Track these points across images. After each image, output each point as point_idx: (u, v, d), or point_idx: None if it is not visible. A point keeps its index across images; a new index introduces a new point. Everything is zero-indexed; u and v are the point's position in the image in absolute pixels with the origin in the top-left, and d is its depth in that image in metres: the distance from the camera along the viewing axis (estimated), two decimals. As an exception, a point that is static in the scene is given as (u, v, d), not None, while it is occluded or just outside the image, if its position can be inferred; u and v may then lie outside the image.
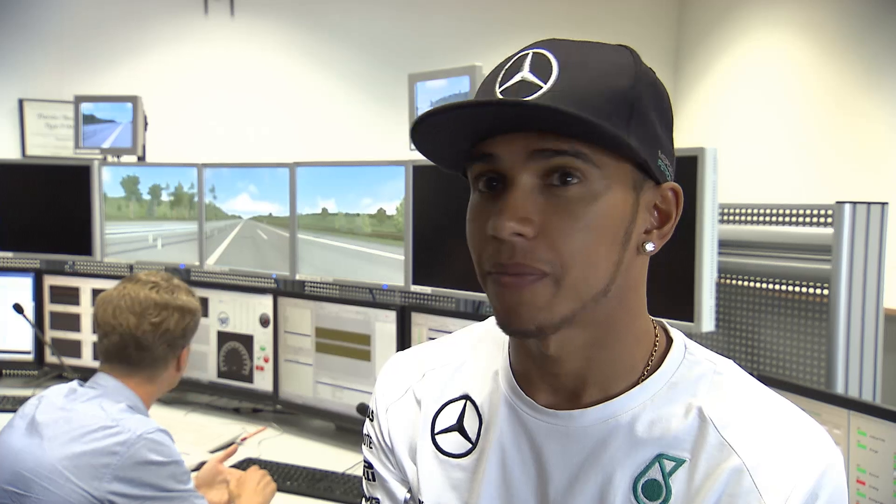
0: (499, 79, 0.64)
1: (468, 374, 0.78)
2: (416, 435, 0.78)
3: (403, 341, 2.14)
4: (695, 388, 0.68)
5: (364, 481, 0.84)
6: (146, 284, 1.61)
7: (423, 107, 2.26)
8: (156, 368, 1.60)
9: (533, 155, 0.61)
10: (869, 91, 4.65)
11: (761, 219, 1.71)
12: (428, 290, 2.17)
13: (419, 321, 2.13)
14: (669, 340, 0.72)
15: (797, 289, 1.65)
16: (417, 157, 2.26)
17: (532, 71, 0.62)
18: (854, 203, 1.52)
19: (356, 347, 2.23)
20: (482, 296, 2.05)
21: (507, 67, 0.64)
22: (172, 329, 1.59)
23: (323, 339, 2.31)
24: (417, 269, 2.19)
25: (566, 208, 0.61)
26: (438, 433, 0.77)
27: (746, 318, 1.78)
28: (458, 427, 0.76)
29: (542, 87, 0.61)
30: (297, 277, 2.49)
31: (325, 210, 2.41)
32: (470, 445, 0.75)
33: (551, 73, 0.61)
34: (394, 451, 0.80)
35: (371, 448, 0.83)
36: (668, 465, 0.66)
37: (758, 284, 1.74)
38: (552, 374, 0.69)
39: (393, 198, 2.24)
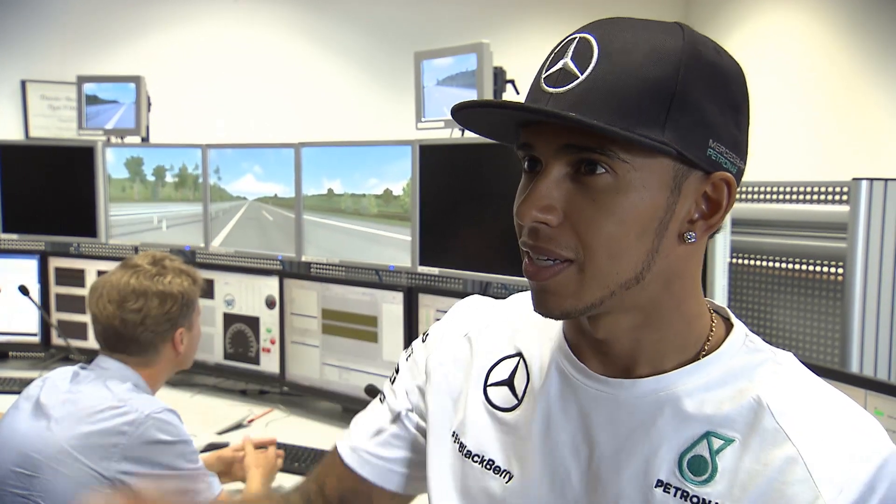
0: (548, 63, 0.65)
1: (526, 335, 0.80)
2: (468, 379, 0.81)
3: (411, 323, 2.12)
4: (752, 374, 0.67)
5: (387, 381, 0.90)
6: (129, 269, 1.58)
7: (430, 85, 2.23)
8: (146, 354, 1.58)
9: (562, 148, 0.63)
10: (880, 69, 4.60)
11: (775, 197, 1.69)
12: (435, 271, 2.15)
13: (426, 302, 2.11)
14: (729, 327, 0.72)
15: (812, 268, 1.63)
16: (424, 136, 2.23)
17: (573, 59, 0.62)
18: (871, 179, 1.49)
19: (363, 329, 2.22)
20: (490, 276, 2.03)
21: (556, 51, 0.65)
22: (154, 315, 1.55)
23: (329, 321, 2.29)
24: (424, 249, 2.17)
25: (592, 197, 0.62)
26: (490, 385, 0.80)
27: (760, 297, 1.76)
28: (509, 382, 0.78)
29: (577, 78, 0.62)
30: (303, 259, 2.47)
31: (330, 191, 2.39)
32: (516, 402, 0.77)
33: (589, 63, 0.62)
34: (426, 374, 0.84)
35: (407, 360, 0.88)
36: (717, 443, 0.65)
37: (771, 263, 1.72)
38: (603, 352, 0.71)
39: (399, 178, 2.21)
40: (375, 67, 5.62)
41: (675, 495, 0.65)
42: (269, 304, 2.45)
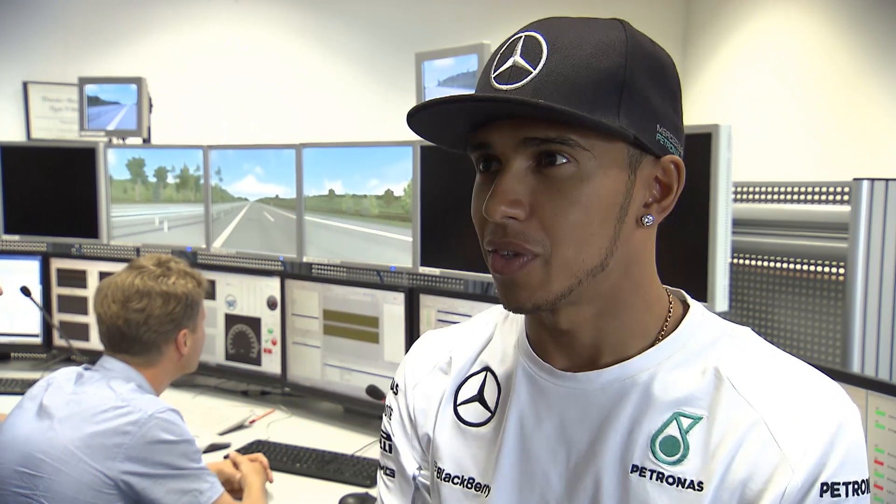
0: (494, 63, 0.65)
1: (491, 350, 0.80)
2: (440, 407, 0.80)
3: (412, 323, 2.13)
4: (710, 350, 0.70)
5: (381, 451, 0.87)
6: (134, 270, 1.61)
7: (431, 86, 2.23)
8: (149, 354, 1.59)
9: (523, 142, 0.63)
10: (880, 68, 4.60)
11: (776, 197, 1.69)
12: (436, 271, 2.16)
13: (427, 303, 2.11)
14: (686, 308, 0.73)
15: (813, 268, 1.63)
16: (425, 137, 2.23)
17: (523, 55, 0.64)
18: (872, 179, 1.49)
19: (364, 329, 2.22)
20: (491, 277, 2.03)
21: (502, 51, 0.66)
22: (157, 315, 1.57)
23: (331, 322, 2.30)
24: (425, 250, 2.17)
25: (555, 187, 0.63)
26: (460, 404, 0.79)
27: (761, 297, 1.76)
28: (479, 397, 0.78)
29: (531, 73, 0.62)
30: (305, 260, 2.47)
31: (331, 192, 2.39)
32: (489, 414, 0.77)
33: (541, 58, 0.63)
34: (416, 426, 0.82)
35: (391, 420, 0.85)
36: (686, 422, 0.67)
37: (772, 264, 1.72)
38: (567, 345, 0.71)
39: (400, 179, 2.22)
40: (376, 68, 5.62)
41: (650, 478, 0.66)
42: (271, 304, 2.45)
